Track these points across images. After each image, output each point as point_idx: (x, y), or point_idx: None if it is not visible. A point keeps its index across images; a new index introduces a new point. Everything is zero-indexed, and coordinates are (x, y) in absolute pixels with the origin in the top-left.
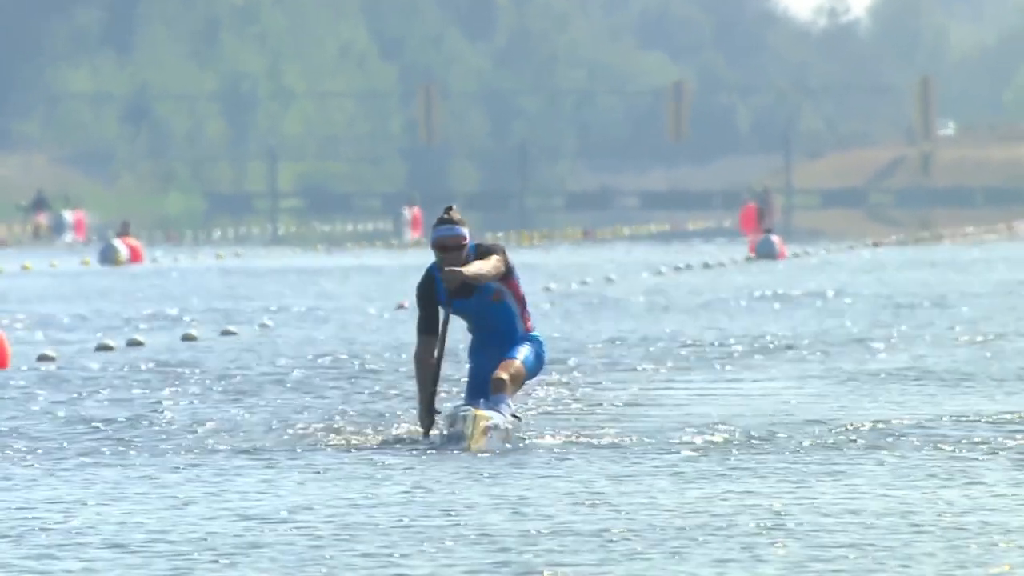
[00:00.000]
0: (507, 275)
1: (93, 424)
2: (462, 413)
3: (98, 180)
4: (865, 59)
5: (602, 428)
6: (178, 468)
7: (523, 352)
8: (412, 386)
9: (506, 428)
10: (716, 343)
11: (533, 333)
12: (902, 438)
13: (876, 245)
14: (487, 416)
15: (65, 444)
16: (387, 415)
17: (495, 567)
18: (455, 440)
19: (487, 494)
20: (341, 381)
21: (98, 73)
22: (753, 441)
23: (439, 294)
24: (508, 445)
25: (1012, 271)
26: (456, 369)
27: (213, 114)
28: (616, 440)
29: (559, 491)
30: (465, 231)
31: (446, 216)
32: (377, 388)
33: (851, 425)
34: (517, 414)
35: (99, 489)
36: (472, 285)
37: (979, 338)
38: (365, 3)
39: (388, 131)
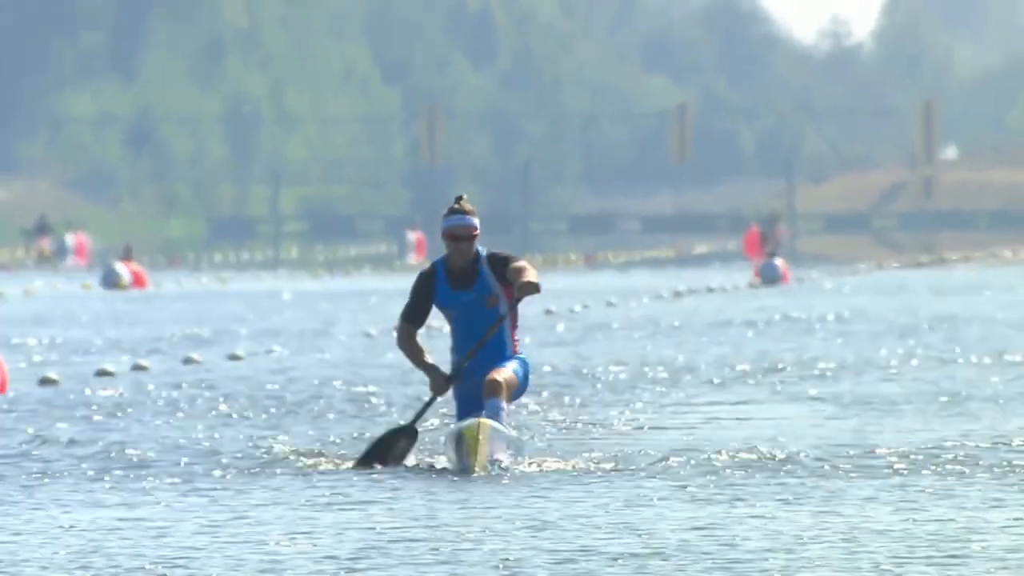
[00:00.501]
0: (511, 283)
1: (100, 448)
2: (466, 424)
3: (101, 204)
4: (868, 82)
5: (613, 452)
6: (189, 493)
7: (513, 366)
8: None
9: (508, 442)
10: (719, 367)
11: (520, 356)
12: (918, 461)
13: (880, 268)
14: (491, 425)
15: (82, 468)
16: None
17: None
18: (459, 462)
19: (504, 517)
20: (348, 404)
21: (101, 96)
22: (770, 465)
23: (438, 290)
24: (514, 464)
25: (1016, 294)
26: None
27: (216, 137)
28: (628, 464)
29: (577, 514)
30: (476, 222)
31: (457, 206)
32: (386, 411)
33: (866, 448)
34: (518, 436)
35: (111, 514)
36: (476, 276)
37: (986, 360)
38: (368, 26)
39: (391, 154)
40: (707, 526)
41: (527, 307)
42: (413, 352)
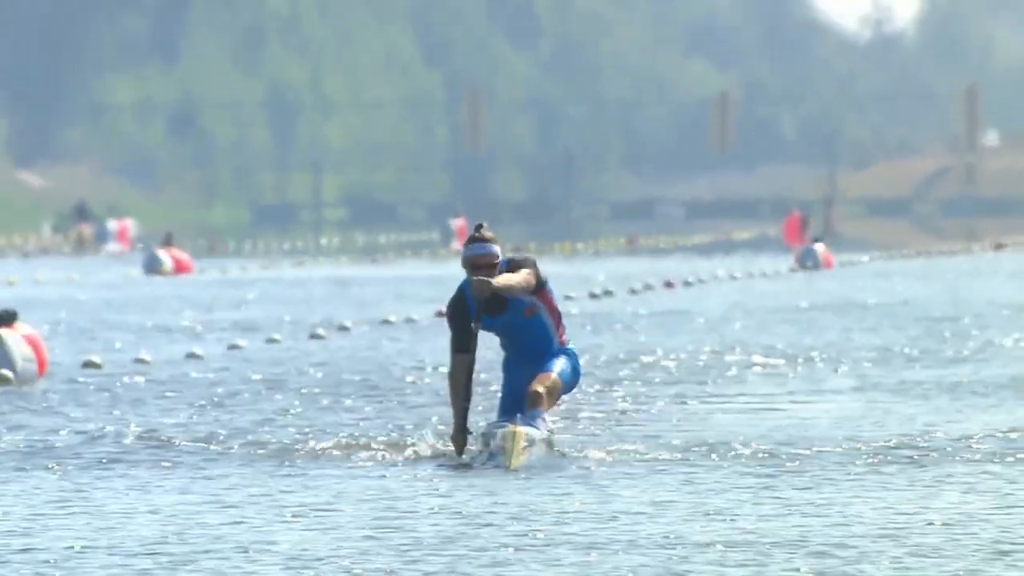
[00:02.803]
0: (539, 287)
1: (147, 434)
2: (499, 429)
3: (143, 190)
4: (910, 68)
5: (660, 440)
6: (229, 478)
7: (559, 365)
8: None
9: (542, 441)
10: (757, 355)
11: (569, 346)
12: (996, 450)
13: (920, 255)
14: (526, 432)
15: (132, 451)
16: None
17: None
18: (494, 456)
19: (556, 505)
20: (390, 392)
21: (142, 81)
22: (828, 453)
23: (471, 311)
24: (545, 457)
25: None
26: (491, 379)
27: (258, 124)
28: (675, 453)
29: (641, 503)
30: (497, 249)
31: (477, 235)
32: (429, 399)
33: (919, 437)
34: (551, 428)
35: (171, 499)
36: (505, 300)
37: None
38: (410, 11)
39: (433, 140)
40: (774, 514)
41: (571, 292)
42: (452, 396)
